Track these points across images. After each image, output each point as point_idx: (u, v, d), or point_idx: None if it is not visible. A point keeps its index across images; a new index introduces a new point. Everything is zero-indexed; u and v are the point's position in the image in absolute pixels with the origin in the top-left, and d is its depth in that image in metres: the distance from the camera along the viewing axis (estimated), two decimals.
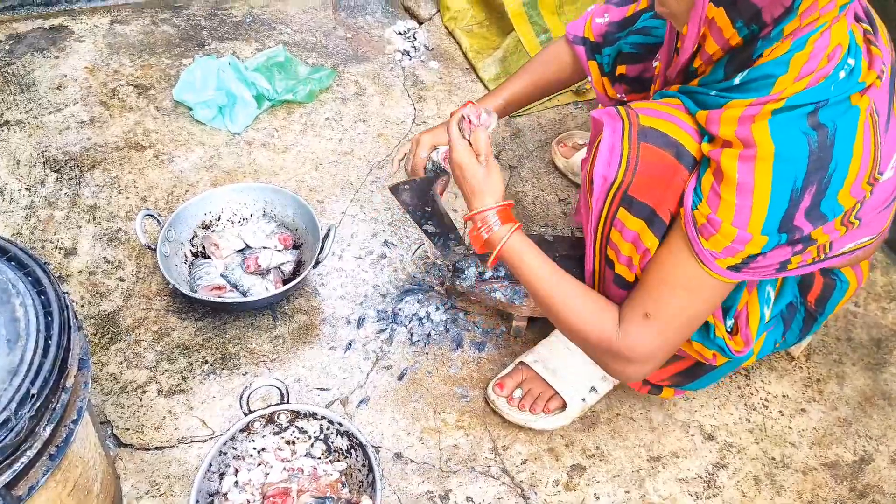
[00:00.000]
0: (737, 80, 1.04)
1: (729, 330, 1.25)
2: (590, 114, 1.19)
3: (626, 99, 1.47)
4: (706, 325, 1.25)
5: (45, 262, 1.05)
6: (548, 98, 2.11)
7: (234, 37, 2.23)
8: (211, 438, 1.42)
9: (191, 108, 1.98)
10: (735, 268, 1.07)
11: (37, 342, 0.96)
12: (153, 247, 1.56)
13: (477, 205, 1.27)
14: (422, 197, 1.46)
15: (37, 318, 0.98)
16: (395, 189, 1.45)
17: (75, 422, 1.01)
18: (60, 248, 1.68)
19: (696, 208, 1.06)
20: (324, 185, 1.87)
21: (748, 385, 1.59)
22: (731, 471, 1.46)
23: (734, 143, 1.02)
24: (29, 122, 1.93)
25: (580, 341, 1.25)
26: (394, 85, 2.15)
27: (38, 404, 0.92)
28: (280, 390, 1.31)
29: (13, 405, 0.90)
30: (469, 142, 1.28)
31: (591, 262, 1.25)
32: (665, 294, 1.14)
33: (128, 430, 1.42)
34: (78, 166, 1.85)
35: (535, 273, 1.25)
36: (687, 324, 1.16)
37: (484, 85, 2.16)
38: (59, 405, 0.97)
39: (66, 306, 1.02)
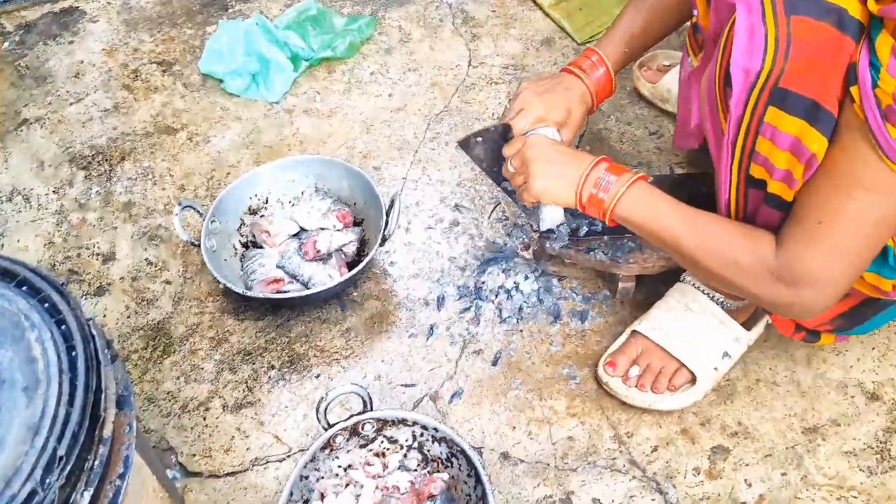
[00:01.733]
0: None
1: None
2: None
3: None
4: (883, 248, 0.99)
5: (62, 284, 0.85)
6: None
7: None
8: (288, 456, 1.23)
9: (221, 80, 1.77)
10: None
11: (60, 387, 0.77)
12: (196, 242, 1.37)
13: (576, 170, 1.11)
14: (497, 150, 1.23)
15: (58, 355, 0.79)
16: (465, 143, 1.22)
17: (122, 476, 0.82)
18: (98, 254, 1.50)
19: (877, 85, 0.80)
20: (378, 149, 1.64)
21: None
22: None
23: None
24: (49, 118, 1.75)
25: (730, 273, 1.02)
26: (442, 25, 1.89)
27: (69, 467, 0.74)
28: (362, 397, 1.11)
29: (38, 472, 0.71)
30: None
31: (727, 189, 1.00)
32: (840, 201, 0.89)
33: (194, 455, 1.24)
34: (107, 160, 1.66)
35: (663, 213, 1.06)
36: (873, 239, 0.92)
37: (544, 12, 1.89)
38: (97, 462, 0.78)
39: (93, 336, 0.83)
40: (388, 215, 1.36)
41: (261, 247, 1.44)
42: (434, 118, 1.69)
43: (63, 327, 0.81)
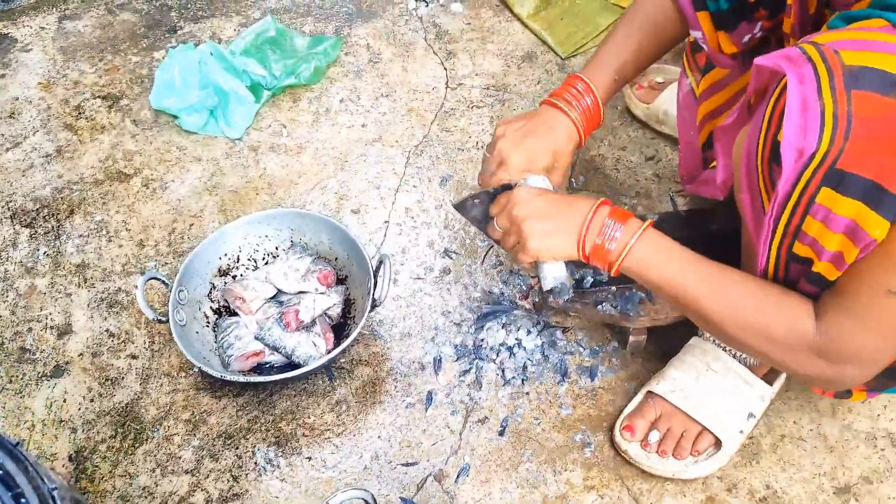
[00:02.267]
0: None
1: None
2: (754, 62, 0.82)
3: (748, 47, 1.08)
4: None
5: (16, 444, 0.71)
6: (602, 28, 1.72)
7: (210, 13, 1.82)
8: None
9: (175, 116, 1.60)
10: None
11: None
12: (164, 318, 1.23)
13: (574, 220, 0.99)
14: None
15: None
16: (461, 206, 1.10)
17: None
18: (52, 327, 1.35)
19: None
20: (355, 189, 1.51)
21: None
22: None
23: None
24: None
25: (760, 344, 0.93)
26: (414, 42, 1.75)
27: None
28: (365, 500, 1.00)
29: None
30: None
31: (765, 261, 0.90)
32: (887, 304, 0.81)
33: None
34: (53, 215, 1.50)
35: (684, 271, 0.96)
36: None
37: (523, 23, 1.76)
38: None
39: None
40: (376, 276, 1.23)
41: (235, 313, 1.31)
42: (414, 150, 1.56)
43: (22, 501, 0.68)
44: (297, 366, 1.24)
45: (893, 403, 1.23)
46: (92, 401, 1.27)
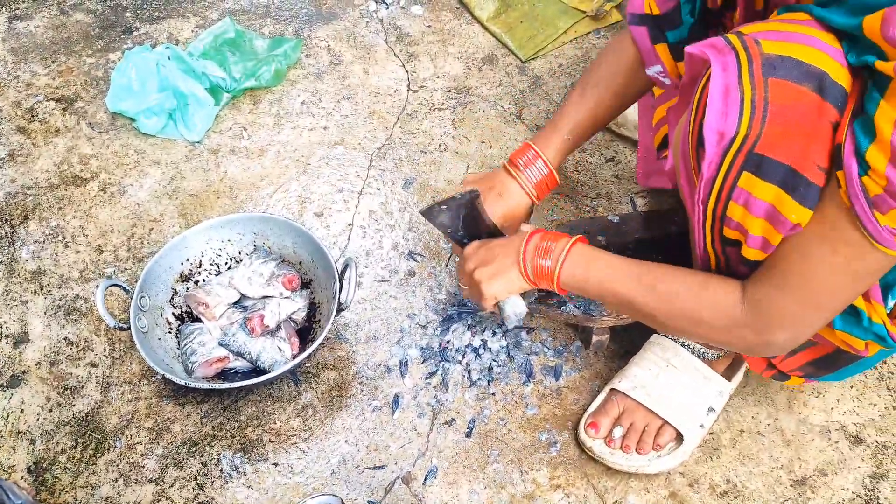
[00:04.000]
0: None
1: (889, 312, 0.95)
2: (685, 50, 0.86)
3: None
4: (855, 309, 0.94)
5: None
6: (562, 31, 1.74)
7: (167, 14, 1.79)
8: None
9: (133, 119, 1.58)
10: None
11: None
12: (125, 326, 1.21)
13: (512, 253, 1.08)
14: (463, 216, 1.12)
15: None
16: (428, 212, 1.11)
17: None
18: (7, 336, 1.32)
19: (866, 173, 0.74)
20: (318, 192, 1.50)
21: (884, 363, 1.31)
22: (895, 480, 1.19)
23: None
24: None
25: (696, 329, 0.97)
26: (375, 44, 1.75)
27: None
28: None
29: None
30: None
31: (702, 245, 0.93)
32: (814, 272, 0.85)
33: None
34: (6, 220, 1.46)
35: (614, 275, 1.02)
36: (849, 291, 0.88)
37: (482, 26, 1.77)
38: None
39: None
40: (341, 280, 1.23)
41: (198, 319, 1.29)
42: (376, 153, 1.56)
43: None
44: (262, 371, 1.23)
45: (846, 397, 1.27)
46: (51, 411, 1.24)
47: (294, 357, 1.23)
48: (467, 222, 1.12)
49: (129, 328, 1.20)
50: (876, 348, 1.00)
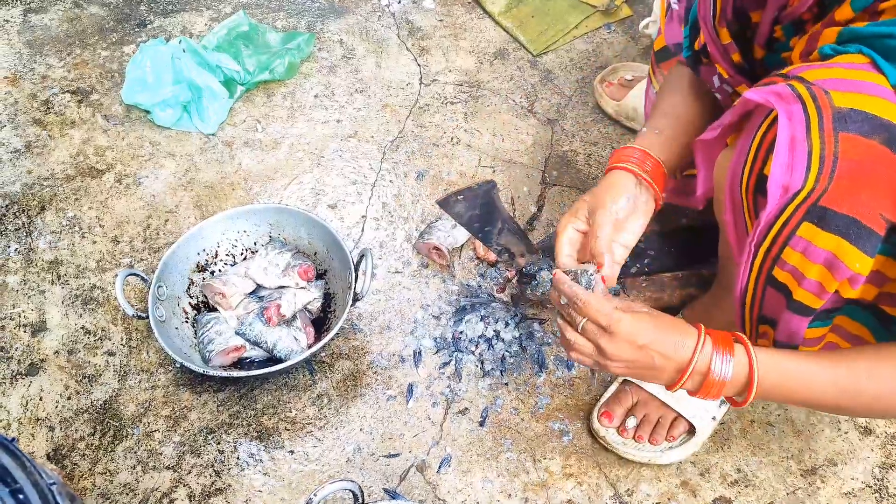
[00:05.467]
0: None
1: None
2: (743, 95, 0.84)
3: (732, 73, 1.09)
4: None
5: (12, 440, 0.71)
6: (573, 26, 1.75)
7: (181, 7, 1.81)
8: None
9: (148, 111, 1.59)
10: None
11: None
12: (143, 315, 1.22)
13: (679, 361, 0.89)
14: (480, 206, 1.14)
15: None
16: (445, 202, 1.12)
17: None
18: (25, 325, 1.33)
19: None
20: (331, 184, 1.52)
21: None
22: None
23: None
24: None
25: None
26: (387, 38, 1.76)
27: None
28: (353, 492, 1.01)
29: None
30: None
31: (745, 281, 0.92)
32: None
33: None
34: (24, 211, 1.47)
35: (813, 388, 0.89)
36: None
37: (494, 20, 1.78)
38: None
39: None
40: (357, 270, 1.25)
41: (214, 308, 1.31)
42: (389, 146, 1.57)
43: (20, 497, 0.68)
44: (278, 360, 1.25)
45: None
46: (69, 398, 1.26)
47: (310, 346, 1.24)
48: (483, 213, 1.14)
49: (147, 317, 1.22)
50: None
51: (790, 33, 0.94)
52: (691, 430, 1.20)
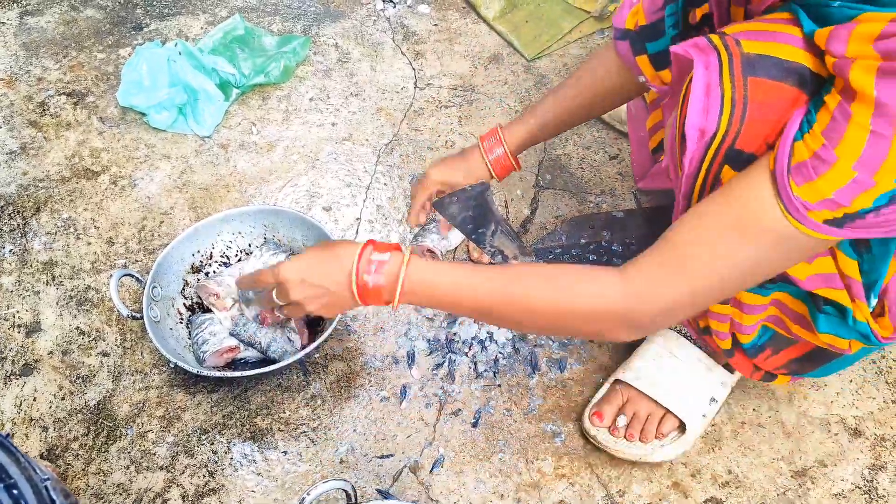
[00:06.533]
0: None
1: (872, 311, 0.96)
2: (670, 49, 0.88)
3: None
4: (842, 309, 0.96)
5: (7, 436, 0.72)
6: (567, 31, 1.76)
7: (177, 11, 1.82)
8: None
9: (143, 114, 1.60)
10: (836, 222, 0.76)
11: None
12: (137, 315, 1.23)
13: (339, 267, 0.96)
14: (473, 208, 1.15)
15: None
16: (440, 204, 1.13)
17: None
18: (19, 326, 1.34)
19: (801, 138, 0.75)
20: (326, 187, 1.52)
21: (883, 357, 1.33)
22: (893, 471, 1.21)
23: (870, 56, 0.71)
24: None
25: (568, 323, 0.93)
26: (382, 42, 1.77)
27: None
28: (346, 491, 1.02)
29: None
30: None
31: None
32: (718, 236, 0.82)
33: None
34: (18, 212, 1.48)
35: (464, 284, 0.93)
36: (734, 280, 0.85)
37: (488, 25, 1.79)
38: None
39: (53, 501, 0.70)
40: None
41: (208, 310, 1.31)
42: (384, 149, 1.58)
43: (14, 492, 0.69)
44: (272, 361, 1.25)
45: (845, 391, 1.29)
46: (63, 399, 1.26)
47: (303, 347, 1.25)
48: (477, 214, 1.15)
49: (141, 317, 1.22)
50: (858, 346, 1.01)
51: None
52: (681, 428, 1.21)
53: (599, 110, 1.25)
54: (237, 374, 1.19)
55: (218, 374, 1.20)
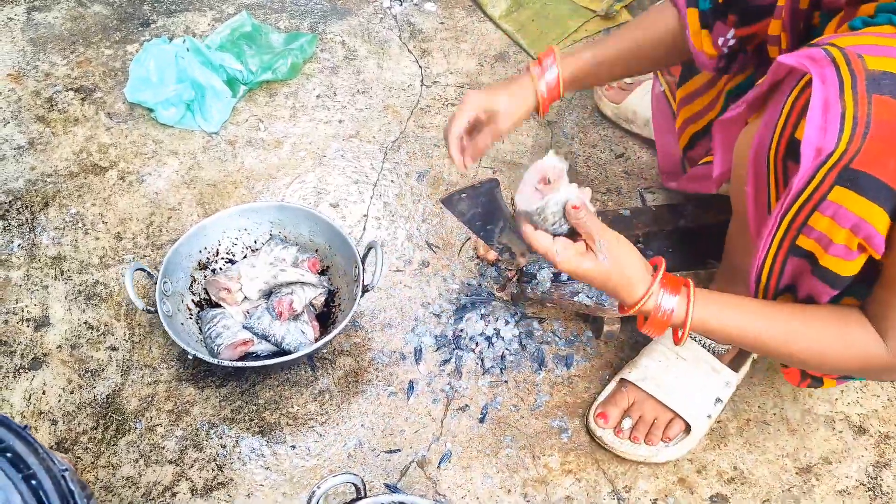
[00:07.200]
0: None
1: None
2: (776, 60, 0.85)
3: (727, 51, 1.12)
4: None
5: (24, 428, 0.72)
6: (573, 30, 1.77)
7: (184, 7, 1.82)
8: None
9: (151, 109, 1.60)
10: None
11: None
12: (152, 309, 1.23)
13: (630, 299, 0.96)
14: (483, 205, 1.15)
15: None
16: (448, 201, 1.13)
17: None
18: (28, 320, 1.34)
19: None
20: (333, 184, 1.53)
21: None
22: None
23: None
24: None
25: (839, 370, 1.00)
26: (388, 40, 1.78)
27: None
28: (355, 485, 1.03)
29: None
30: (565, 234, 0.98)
31: (764, 255, 0.93)
32: None
33: None
34: (27, 207, 1.48)
35: (745, 328, 0.96)
36: None
37: (494, 23, 1.80)
38: None
39: (71, 492, 0.71)
40: (363, 263, 1.26)
41: (217, 305, 1.32)
42: (391, 146, 1.59)
43: (33, 483, 0.69)
44: (286, 353, 1.26)
45: (850, 389, 1.30)
46: (72, 392, 1.27)
47: (316, 340, 1.25)
48: (486, 211, 1.15)
49: (155, 311, 1.23)
50: None
51: (826, 20, 0.95)
52: (687, 429, 1.21)
53: (650, 62, 1.23)
54: (257, 363, 1.20)
55: (238, 364, 1.20)
